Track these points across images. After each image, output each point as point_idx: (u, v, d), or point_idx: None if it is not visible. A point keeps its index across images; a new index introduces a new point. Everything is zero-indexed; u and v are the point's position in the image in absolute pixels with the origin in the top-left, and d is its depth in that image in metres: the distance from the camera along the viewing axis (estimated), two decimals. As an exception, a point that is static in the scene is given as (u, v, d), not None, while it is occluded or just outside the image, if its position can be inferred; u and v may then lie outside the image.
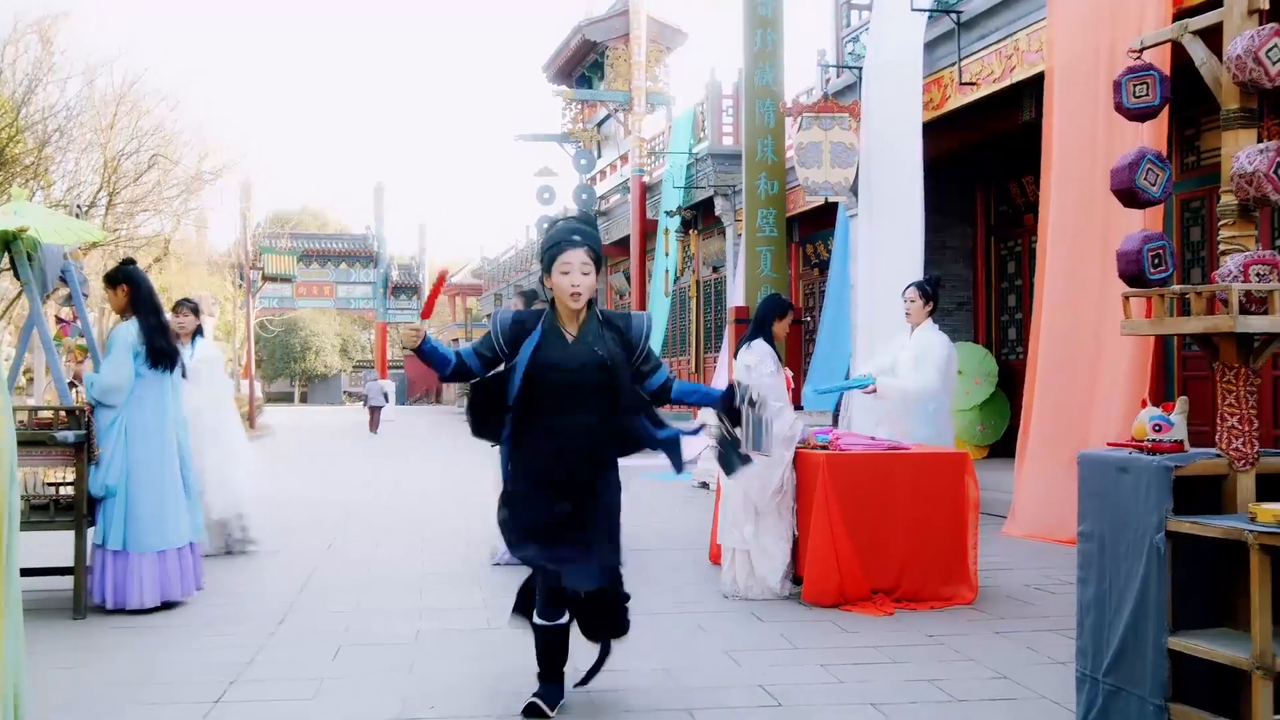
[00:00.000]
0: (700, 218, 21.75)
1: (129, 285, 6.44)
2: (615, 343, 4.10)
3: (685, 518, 10.39)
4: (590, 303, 4.12)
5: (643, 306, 22.59)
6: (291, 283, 50.29)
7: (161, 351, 6.40)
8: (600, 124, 28.57)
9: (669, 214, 21.37)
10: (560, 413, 4.05)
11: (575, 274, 4.02)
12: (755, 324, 6.75)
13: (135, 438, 6.28)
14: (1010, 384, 13.27)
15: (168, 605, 6.31)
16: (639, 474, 13.74)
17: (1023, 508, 9.12)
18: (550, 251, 4.07)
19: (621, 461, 4.27)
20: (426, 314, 4.65)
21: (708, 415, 7.61)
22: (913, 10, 11.63)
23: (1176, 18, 7.79)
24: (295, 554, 8.52)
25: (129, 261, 6.77)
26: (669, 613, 6.07)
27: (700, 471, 12.81)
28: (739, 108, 18.66)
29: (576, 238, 4.05)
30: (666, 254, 21.80)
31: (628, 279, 25.21)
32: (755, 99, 13.63)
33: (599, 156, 28.26)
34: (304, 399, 72.71)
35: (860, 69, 12.95)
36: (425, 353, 4.13)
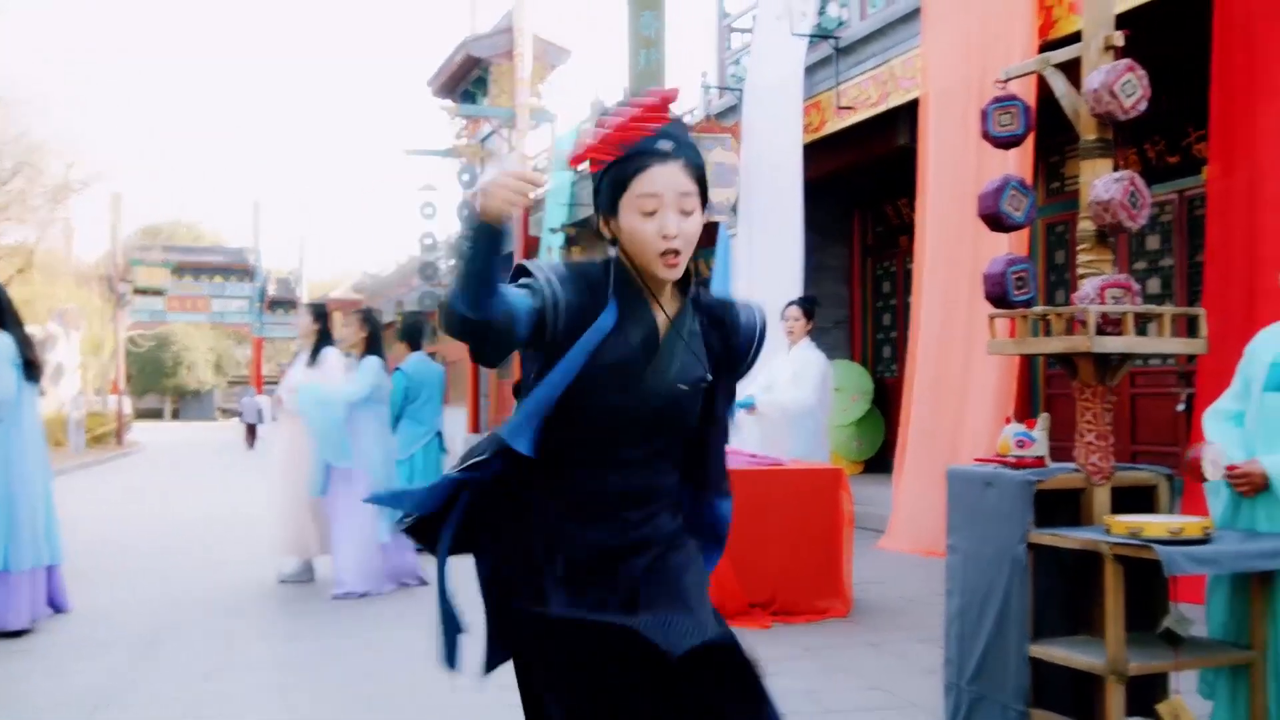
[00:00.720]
0: (583, 235, 21.82)
1: None
2: (718, 350, 2.27)
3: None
4: (686, 274, 2.21)
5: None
6: (163, 296, 48.87)
7: (34, 364, 6.25)
8: (485, 140, 28.47)
9: (552, 231, 21.39)
10: (622, 466, 2.18)
11: (669, 212, 2.09)
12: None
13: (15, 452, 6.10)
14: (885, 401, 13.61)
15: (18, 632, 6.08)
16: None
17: (899, 522, 9.35)
18: (620, 172, 2.12)
19: None
20: (580, 159, 2.22)
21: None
22: (793, 35, 11.88)
23: (1041, 50, 8.14)
24: (168, 573, 8.30)
25: None
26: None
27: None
28: (623, 126, 18.75)
29: (667, 145, 2.12)
30: (550, 271, 21.75)
31: None
32: (639, 118, 13.74)
33: (482, 172, 28.14)
34: (176, 415, 70.66)
35: (742, 90, 13.17)
36: (495, 236, 1.95)
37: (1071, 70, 3.70)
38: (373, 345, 7.70)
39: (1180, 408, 9.25)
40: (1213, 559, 3.02)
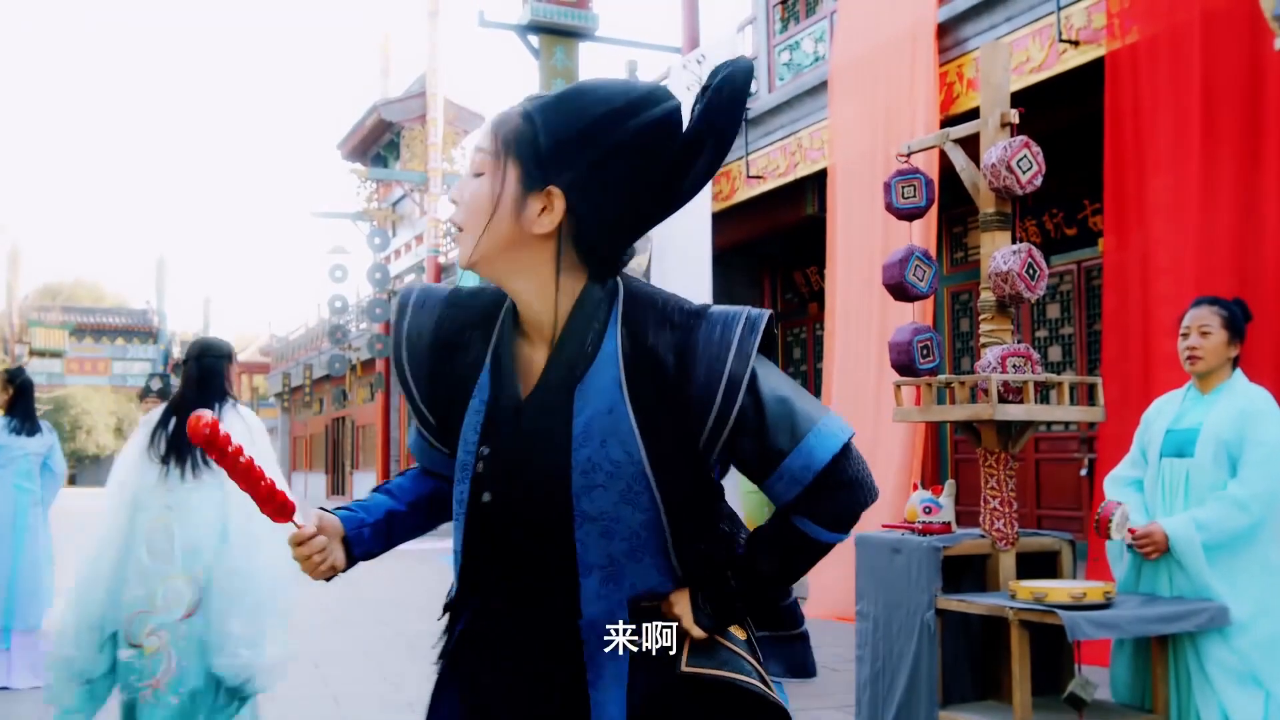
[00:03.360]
0: (496, 299, 21.78)
1: None
2: (652, 400, 1.53)
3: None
4: (590, 285, 1.59)
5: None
6: (62, 358, 47.64)
7: None
8: (396, 203, 28.41)
9: (465, 295, 21.34)
10: (510, 582, 1.61)
11: (463, 177, 1.61)
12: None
13: None
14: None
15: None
16: (439, 556, 13.49)
17: (817, 588, 9.38)
18: None
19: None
20: (283, 514, 1.69)
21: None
22: (703, 105, 12.08)
23: (944, 124, 8.39)
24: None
25: None
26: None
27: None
28: (536, 192, 18.87)
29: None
30: (462, 335, 21.70)
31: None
32: (551, 184, 13.85)
33: (394, 236, 28.03)
34: (73, 481, 68.59)
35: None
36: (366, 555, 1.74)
37: (971, 145, 3.82)
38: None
39: (1083, 472, 9.47)
40: (1114, 623, 3.09)
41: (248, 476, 1.55)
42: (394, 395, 26.30)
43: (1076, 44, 7.89)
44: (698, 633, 1.53)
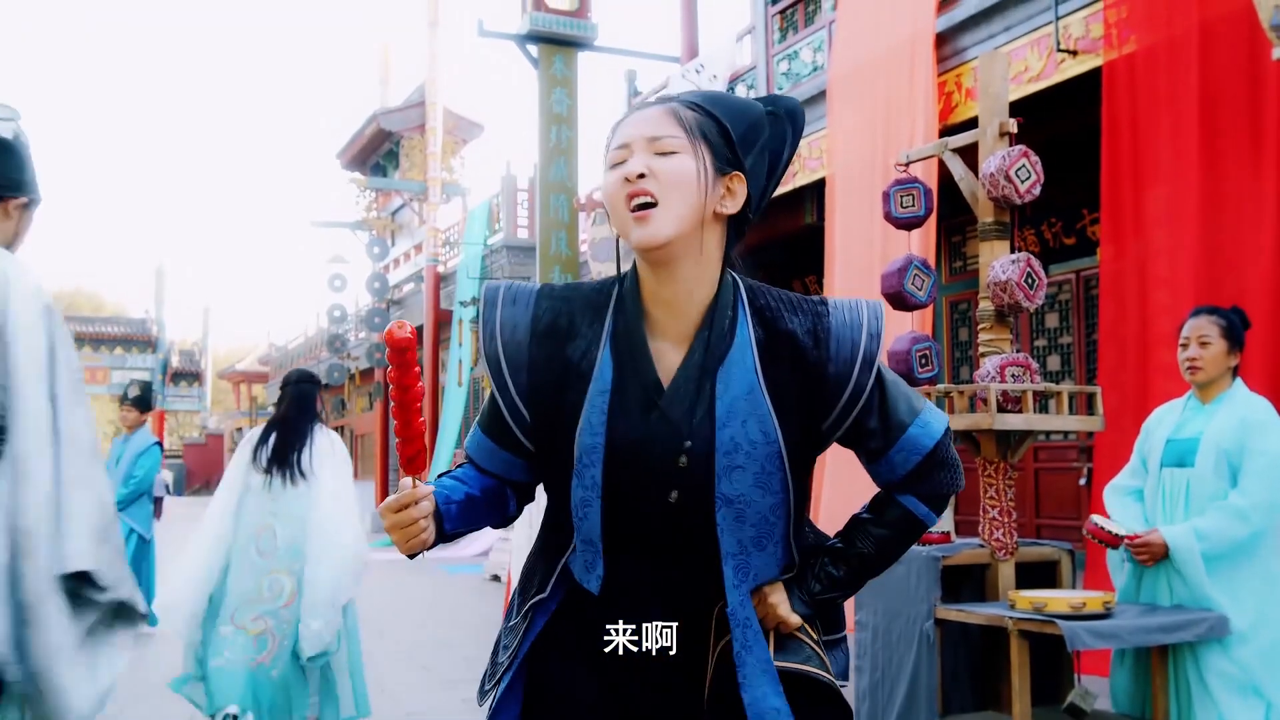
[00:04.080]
0: (495, 309, 21.77)
1: None
2: (793, 384, 1.61)
3: (476, 613, 10.24)
4: (724, 273, 1.68)
5: (435, 400, 22.35)
6: (61, 368, 47.63)
7: None
8: (395, 213, 28.44)
9: (463, 304, 21.34)
10: (651, 570, 1.62)
11: (637, 155, 1.58)
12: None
13: None
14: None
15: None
16: (435, 566, 13.49)
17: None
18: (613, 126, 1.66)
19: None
20: (412, 465, 1.61)
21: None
22: (703, 115, 12.11)
23: (942, 134, 8.40)
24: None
25: None
26: (459, 713, 5.94)
27: (492, 564, 12.67)
28: (534, 201, 18.93)
29: (651, 99, 1.70)
30: (460, 344, 21.71)
31: (420, 368, 25.00)
32: (550, 193, 13.87)
33: (393, 245, 28.05)
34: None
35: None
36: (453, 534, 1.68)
37: (970, 154, 3.82)
38: None
39: (1082, 481, 9.47)
40: (1113, 633, 3.08)
41: (412, 407, 1.53)
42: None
43: (1075, 54, 7.91)
44: (796, 621, 1.60)
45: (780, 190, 11.83)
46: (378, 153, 30.51)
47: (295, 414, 4.55)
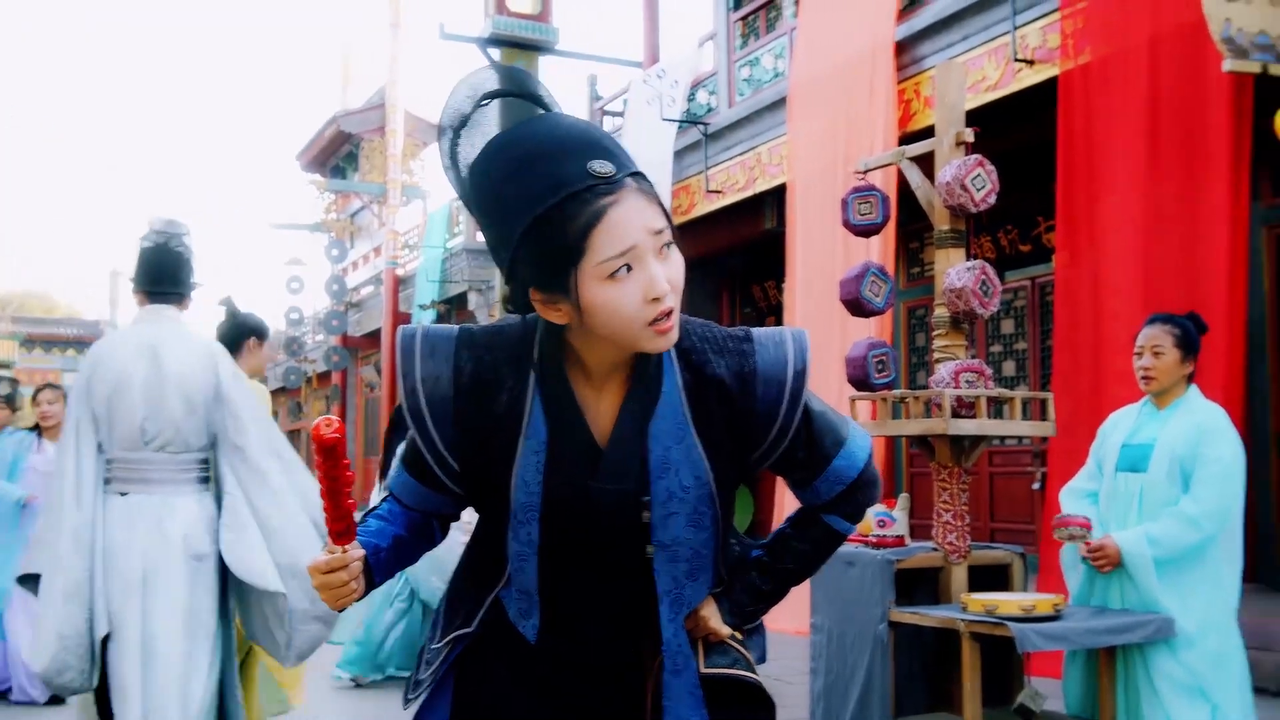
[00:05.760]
0: (454, 312, 21.74)
1: None
2: (720, 420, 1.62)
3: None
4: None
5: (391, 404, 22.20)
6: (11, 369, 46.98)
7: None
8: (354, 215, 28.27)
9: (423, 307, 21.27)
10: (587, 618, 1.66)
11: (650, 262, 1.48)
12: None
13: None
14: (755, 479, 13.77)
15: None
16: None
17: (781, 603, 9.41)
18: (558, 237, 1.46)
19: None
20: (341, 539, 1.58)
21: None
22: (663, 120, 12.14)
23: (902, 141, 8.48)
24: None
25: None
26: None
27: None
28: (495, 205, 18.85)
29: (605, 167, 1.48)
30: (420, 347, 21.61)
31: (378, 371, 24.86)
32: (511, 197, 13.84)
33: (352, 247, 27.89)
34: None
35: (613, 173, 13.35)
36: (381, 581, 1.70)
37: (927, 163, 3.87)
38: None
39: (1035, 486, 9.58)
40: (1062, 635, 3.13)
41: (342, 493, 1.52)
42: (350, 409, 26.14)
43: (1031, 63, 8.00)
44: (727, 632, 1.66)
45: (740, 195, 11.90)
46: (337, 155, 30.32)
47: None
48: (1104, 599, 3.47)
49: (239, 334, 4.46)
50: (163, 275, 3.65)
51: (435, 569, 5.98)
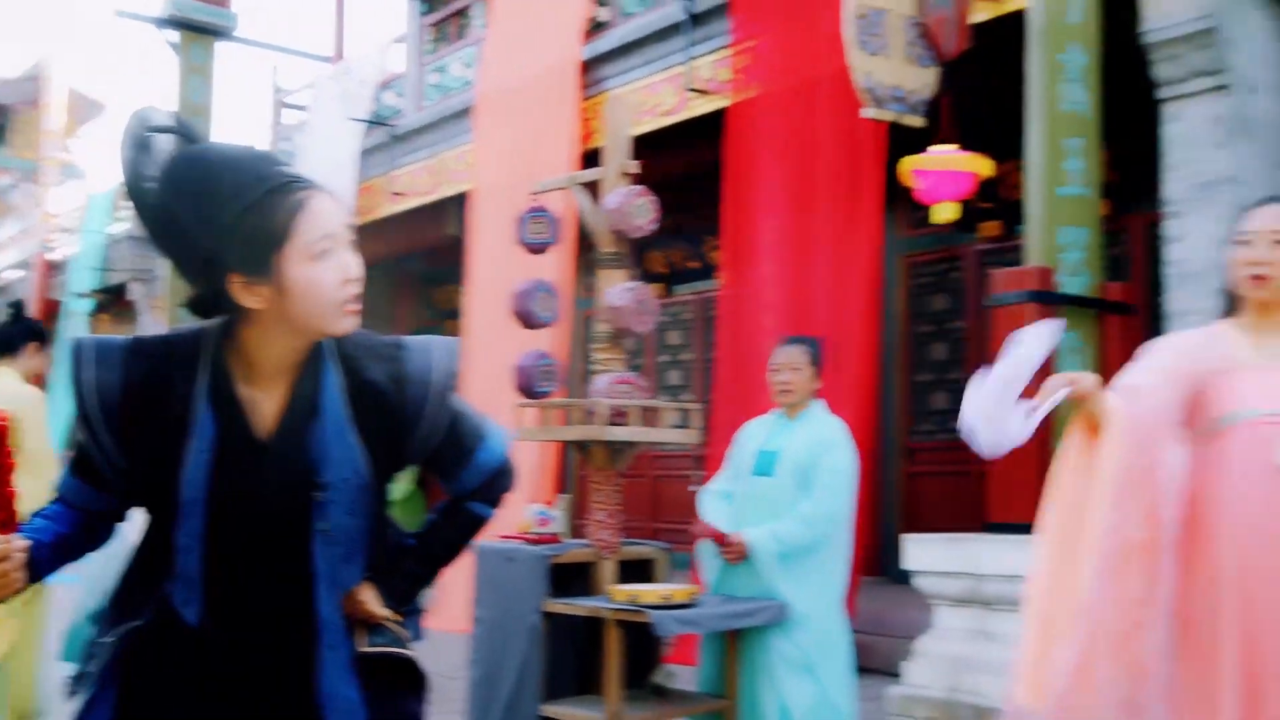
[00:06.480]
0: (114, 302, 20.51)
1: None
2: (374, 421, 1.79)
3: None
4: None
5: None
6: None
7: None
8: (4, 193, 26.10)
9: (80, 296, 19.94)
10: (251, 602, 1.77)
11: (345, 249, 1.73)
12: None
13: None
14: (429, 480, 13.84)
15: None
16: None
17: (450, 601, 9.52)
18: (264, 221, 1.65)
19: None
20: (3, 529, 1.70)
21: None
22: (349, 119, 12.04)
23: (583, 156, 8.85)
24: None
25: None
26: None
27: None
28: (166, 191, 17.97)
29: (296, 173, 1.74)
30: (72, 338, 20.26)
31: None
32: (184, 185, 13.30)
33: (3, 224, 25.74)
34: None
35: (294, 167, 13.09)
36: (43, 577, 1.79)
37: (597, 188, 4.17)
38: None
39: (693, 488, 10.19)
40: (694, 620, 3.50)
41: (4, 480, 1.58)
42: (-6, 400, 24.02)
43: (704, 93, 8.56)
44: (385, 614, 1.82)
45: (425, 200, 11.95)
46: (-14, 125, 27.88)
47: None
48: (733, 589, 3.88)
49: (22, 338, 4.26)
50: None
51: None
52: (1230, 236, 2.59)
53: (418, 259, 13.88)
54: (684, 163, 9.17)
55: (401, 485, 13.72)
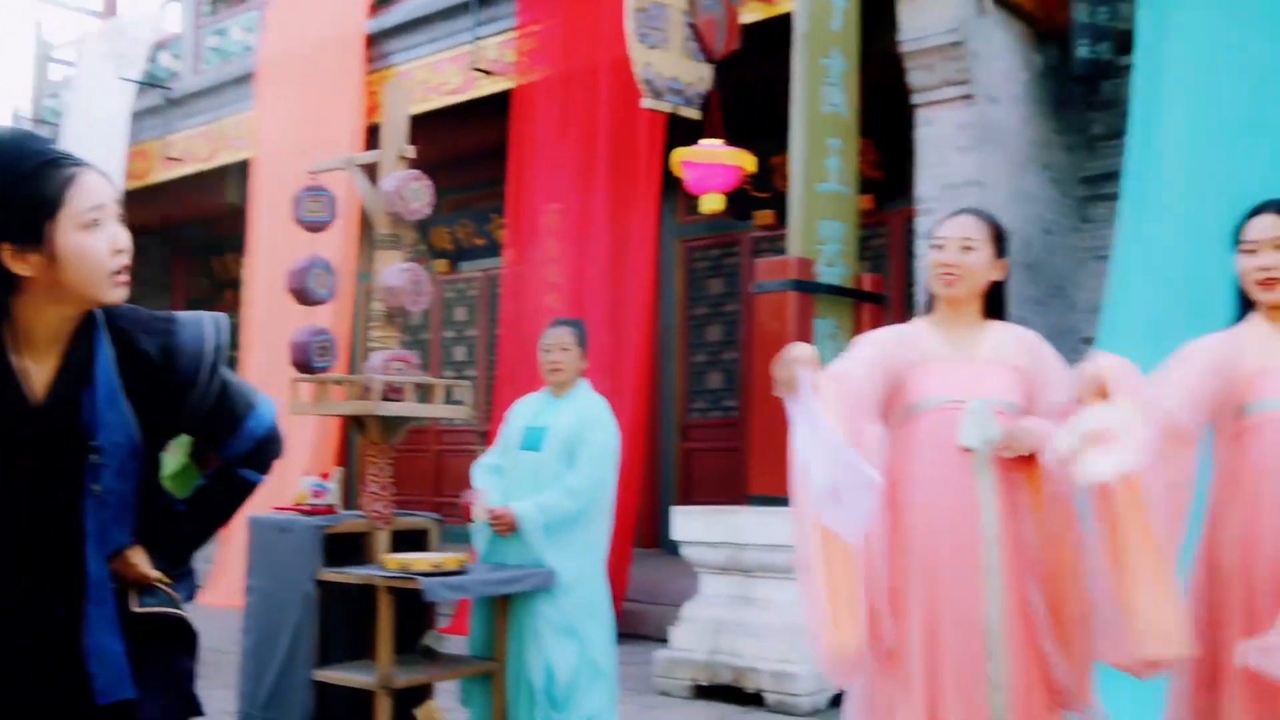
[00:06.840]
0: None
1: None
2: (146, 390, 1.91)
3: None
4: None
5: None
6: None
7: None
8: None
9: None
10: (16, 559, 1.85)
11: (114, 222, 1.86)
12: None
13: None
14: (202, 454, 13.51)
15: None
16: None
17: (224, 576, 9.39)
18: (35, 191, 1.76)
19: None
20: None
21: None
22: (120, 79, 11.59)
23: (369, 129, 8.83)
24: None
25: None
26: None
27: None
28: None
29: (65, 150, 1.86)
30: None
31: None
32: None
33: None
34: None
35: (59, 125, 12.50)
36: None
37: (374, 169, 4.28)
38: None
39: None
40: (463, 586, 3.69)
41: None
42: None
43: (489, 74, 8.67)
44: (156, 575, 1.94)
45: (202, 166, 11.65)
46: None
47: None
48: (502, 557, 4.08)
49: None
50: None
51: None
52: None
53: (196, 226, 13.47)
54: (471, 140, 9.27)
55: (174, 459, 13.35)
